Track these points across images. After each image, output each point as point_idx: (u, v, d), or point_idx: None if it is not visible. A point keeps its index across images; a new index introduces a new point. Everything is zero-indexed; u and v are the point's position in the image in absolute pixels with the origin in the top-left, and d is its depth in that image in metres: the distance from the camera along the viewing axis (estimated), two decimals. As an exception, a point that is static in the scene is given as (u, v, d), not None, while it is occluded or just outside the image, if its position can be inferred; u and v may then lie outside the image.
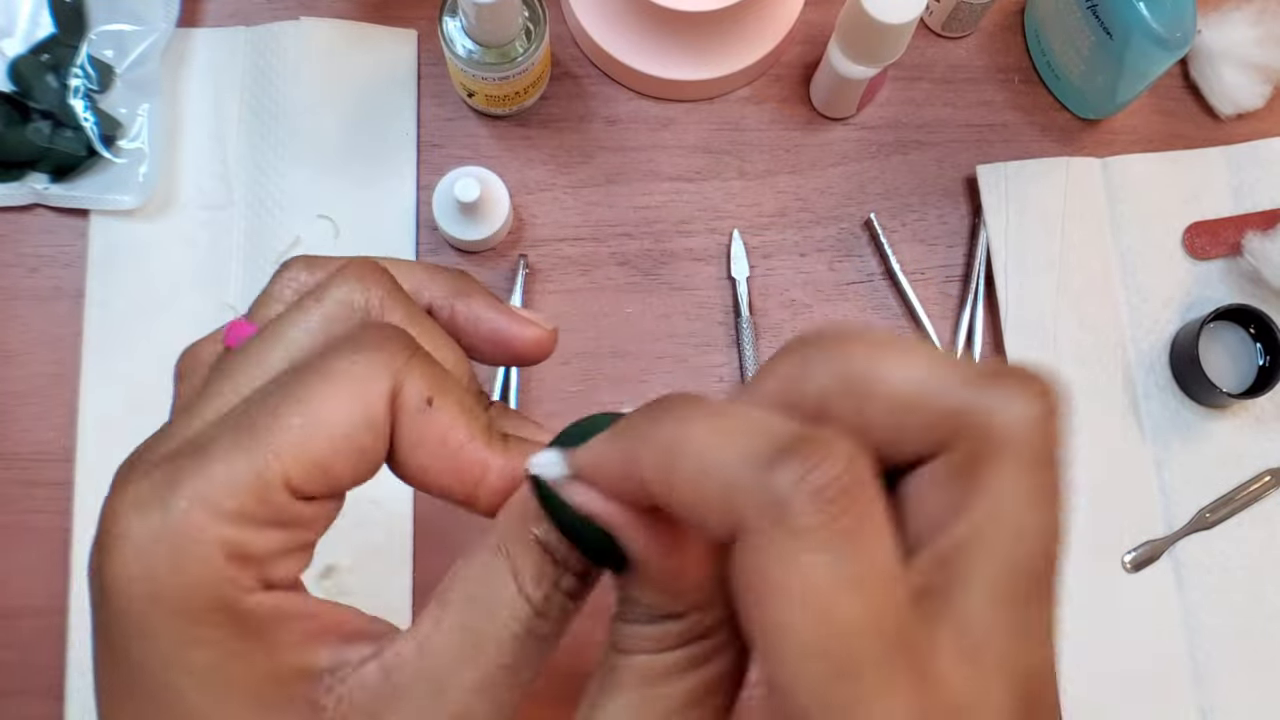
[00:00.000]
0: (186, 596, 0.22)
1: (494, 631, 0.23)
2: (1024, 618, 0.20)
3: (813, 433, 0.19)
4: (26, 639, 0.57)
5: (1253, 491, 0.61)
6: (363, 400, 0.24)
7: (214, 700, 0.22)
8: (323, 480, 0.23)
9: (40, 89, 0.61)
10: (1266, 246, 0.62)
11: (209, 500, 0.22)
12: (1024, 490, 0.20)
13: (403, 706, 0.23)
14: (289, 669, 0.23)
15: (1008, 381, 0.20)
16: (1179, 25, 0.57)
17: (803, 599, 0.18)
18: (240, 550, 0.23)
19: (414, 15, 0.65)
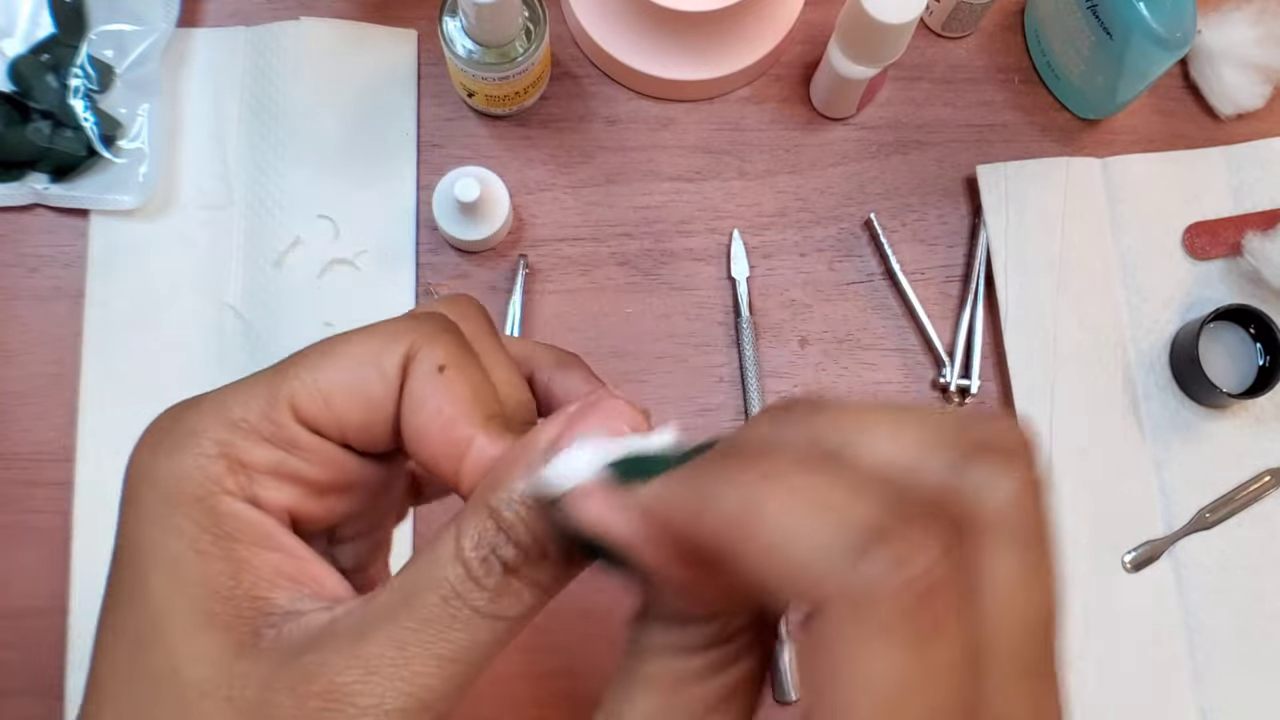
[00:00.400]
0: (175, 482, 0.24)
1: (422, 590, 0.23)
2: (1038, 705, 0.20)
3: (909, 517, 0.19)
4: (26, 639, 0.57)
5: (1253, 491, 0.61)
6: (378, 348, 0.25)
7: (170, 594, 0.23)
8: (325, 411, 0.25)
9: (40, 89, 0.61)
10: (1266, 246, 0.62)
11: (220, 406, 0.24)
12: (1022, 572, 0.20)
13: (322, 648, 0.23)
14: (245, 594, 0.23)
15: (989, 457, 0.20)
16: (1179, 25, 0.57)
17: (873, 690, 0.18)
18: (233, 452, 0.24)
19: (414, 15, 0.65)
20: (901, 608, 0.18)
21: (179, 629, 0.23)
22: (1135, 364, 0.63)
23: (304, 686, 0.22)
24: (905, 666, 0.18)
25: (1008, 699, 0.20)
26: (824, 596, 0.18)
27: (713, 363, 0.62)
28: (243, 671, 0.23)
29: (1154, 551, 0.60)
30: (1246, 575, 0.61)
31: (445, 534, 0.24)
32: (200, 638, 0.23)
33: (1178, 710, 0.59)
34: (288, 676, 0.22)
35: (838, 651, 0.18)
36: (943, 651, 0.18)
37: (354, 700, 0.22)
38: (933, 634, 0.18)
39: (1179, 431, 0.62)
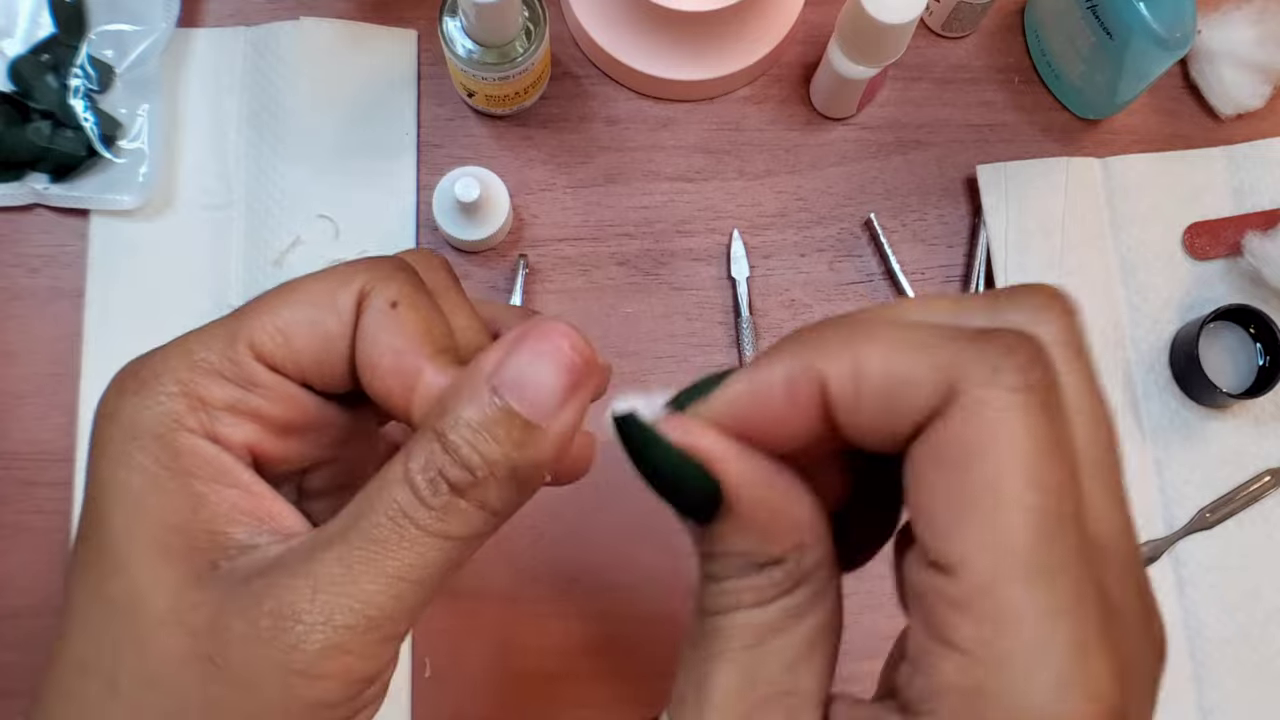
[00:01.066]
0: (135, 416, 0.25)
1: (371, 511, 0.24)
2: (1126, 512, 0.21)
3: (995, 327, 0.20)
4: (26, 639, 0.57)
5: (1253, 491, 0.61)
6: (333, 288, 0.26)
7: (128, 526, 0.24)
8: (283, 348, 0.25)
9: (40, 89, 0.61)
10: (1266, 246, 0.62)
11: (183, 349, 0.26)
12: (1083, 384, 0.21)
13: (273, 571, 0.23)
14: (203, 527, 0.24)
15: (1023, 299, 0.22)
16: (1179, 25, 0.57)
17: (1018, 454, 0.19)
18: (193, 390, 0.25)
19: (414, 15, 0.65)
20: (1034, 377, 0.19)
21: (138, 560, 0.24)
22: (1135, 364, 0.63)
23: (254, 609, 0.23)
24: (1043, 435, 0.19)
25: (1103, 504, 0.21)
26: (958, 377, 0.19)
27: (713, 363, 0.62)
28: (197, 600, 0.23)
29: (1154, 551, 0.60)
30: (1246, 575, 0.61)
31: (394, 461, 0.24)
32: (158, 568, 0.24)
33: (1178, 710, 0.59)
34: (239, 600, 0.23)
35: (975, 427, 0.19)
36: (1067, 431, 0.20)
37: (301, 618, 0.23)
38: (1061, 408, 0.20)
39: (1179, 431, 0.62)
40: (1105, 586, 0.19)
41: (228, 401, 0.25)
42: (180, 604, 0.23)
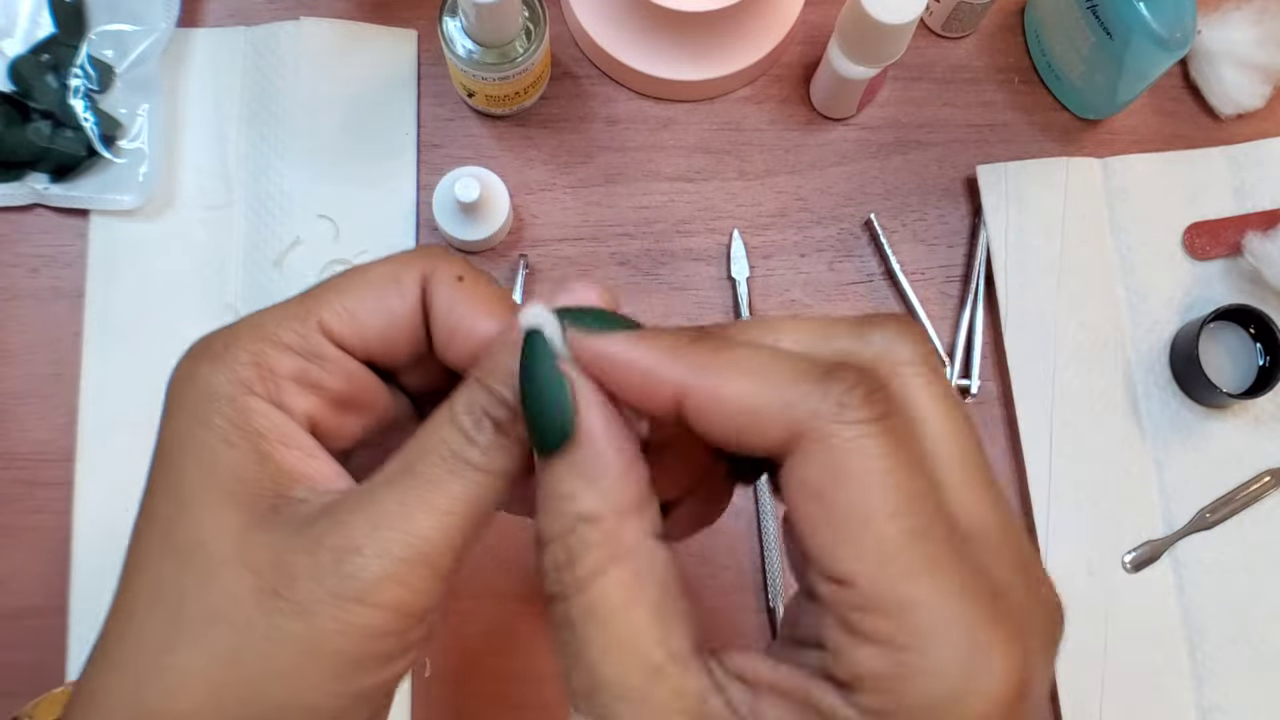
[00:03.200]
0: (209, 379, 0.26)
1: (421, 451, 0.26)
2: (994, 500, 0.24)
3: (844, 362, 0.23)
4: (27, 639, 0.57)
5: (1253, 491, 0.61)
6: (396, 269, 0.29)
7: (198, 478, 0.26)
8: (351, 325, 0.28)
9: (40, 89, 0.61)
10: (1266, 246, 0.62)
11: (256, 324, 0.27)
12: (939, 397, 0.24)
13: (334, 512, 0.25)
14: (268, 479, 0.26)
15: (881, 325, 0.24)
16: (1179, 25, 0.57)
17: (873, 475, 0.21)
18: (263, 360, 0.27)
19: (414, 15, 0.65)
20: (875, 409, 0.22)
21: (205, 507, 0.25)
22: (1135, 364, 0.63)
23: (316, 545, 0.24)
24: (893, 456, 0.22)
25: (968, 498, 0.23)
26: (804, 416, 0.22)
27: (713, 363, 0.62)
28: (259, 540, 0.25)
29: (1154, 551, 0.60)
30: (1246, 575, 0.61)
31: (441, 407, 0.26)
32: (222, 513, 0.25)
33: (1178, 710, 0.59)
34: (302, 539, 0.25)
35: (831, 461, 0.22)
36: (915, 448, 0.22)
37: (361, 550, 0.24)
38: (904, 430, 0.22)
39: (1179, 431, 0.62)
40: (985, 568, 0.22)
41: (293, 372, 0.27)
42: (244, 545, 0.25)
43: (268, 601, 0.24)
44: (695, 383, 0.23)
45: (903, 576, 0.21)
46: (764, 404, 0.22)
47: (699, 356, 0.23)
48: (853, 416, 0.22)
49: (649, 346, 0.24)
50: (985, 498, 0.23)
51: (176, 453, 0.26)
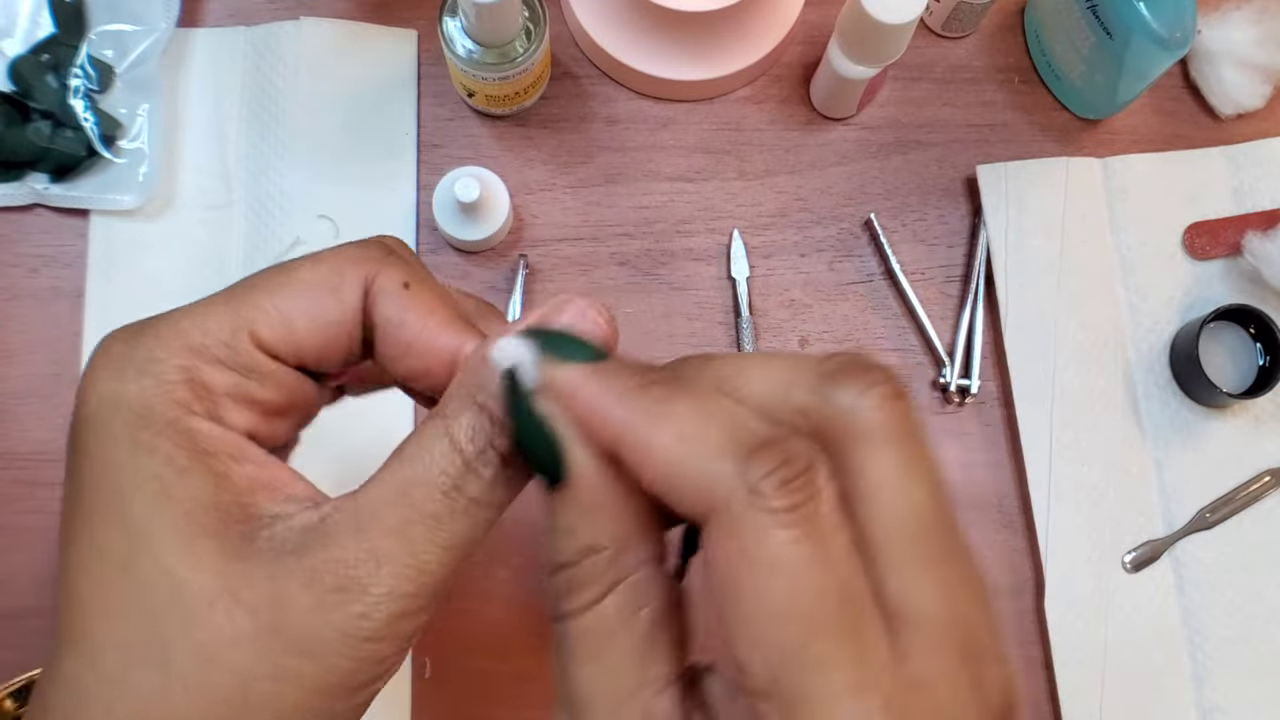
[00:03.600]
0: (143, 403, 0.24)
1: (422, 479, 0.25)
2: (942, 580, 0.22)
3: (784, 435, 0.22)
4: (27, 639, 0.56)
5: (1253, 491, 0.61)
6: (335, 273, 0.26)
7: (154, 510, 0.24)
8: (286, 337, 0.26)
9: (40, 89, 0.61)
10: (1266, 246, 0.62)
11: (180, 332, 0.25)
12: (897, 467, 0.22)
13: (325, 543, 0.24)
14: (230, 502, 0.25)
15: (847, 379, 0.23)
16: (1179, 25, 0.57)
17: (773, 569, 0.20)
18: (198, 379, 0.25)
19: (414, 15, 0.65)
20: (786, 497, 0.21)
21: (171, 541, 0.24)
22: (1135, 364, 0.63)
23: (317, 583, 0.24)
24: (798, 548, 0.20)
25: (910, 586, 0.22)
26: (718, 499, 0.21)
27: (713, 363, 0.62)
28: (243, 572, 0.24)
29: (1154, 551, 0.60)
30: (1246, 575, 0.61)
31: (430, 430, 0.25)
32: (195, 547, 0.24)
33: (1178, 710, 0.59)
34: (297, 573, 0.24)
35: (738, 545, 0.21)
36: (835, 538, 0.21)
37: (368, 589, 0.24)
38: (822, 520, 0.21)
39: (1179, 431, 0.62)
40: (907, 662, 0.21)
41: (228, 388, 0.26)
42: (229, 581, 0.24)
43: (269, 641, 0.24)
44: (628, 433, 0.22)
45: (793, 672, 0.20)
46: (685, 471, 0.21)
47: (641, 404, 0.22)
48: (765, 505, 0.21)
49: (598, 385, 0.23)
50: (928, 581, 0.22)
51: (116, 482, 0.24)
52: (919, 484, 0.22)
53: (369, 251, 0.27)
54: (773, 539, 0.20)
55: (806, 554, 0.20)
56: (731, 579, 0.21)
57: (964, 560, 0.23)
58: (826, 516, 0.21)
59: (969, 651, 0.22)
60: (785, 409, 0.23)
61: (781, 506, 0.21)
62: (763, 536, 0.20)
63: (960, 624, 0.22)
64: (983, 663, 0.22)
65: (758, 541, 0.20)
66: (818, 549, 0.21)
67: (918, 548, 0.22)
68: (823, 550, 0.21)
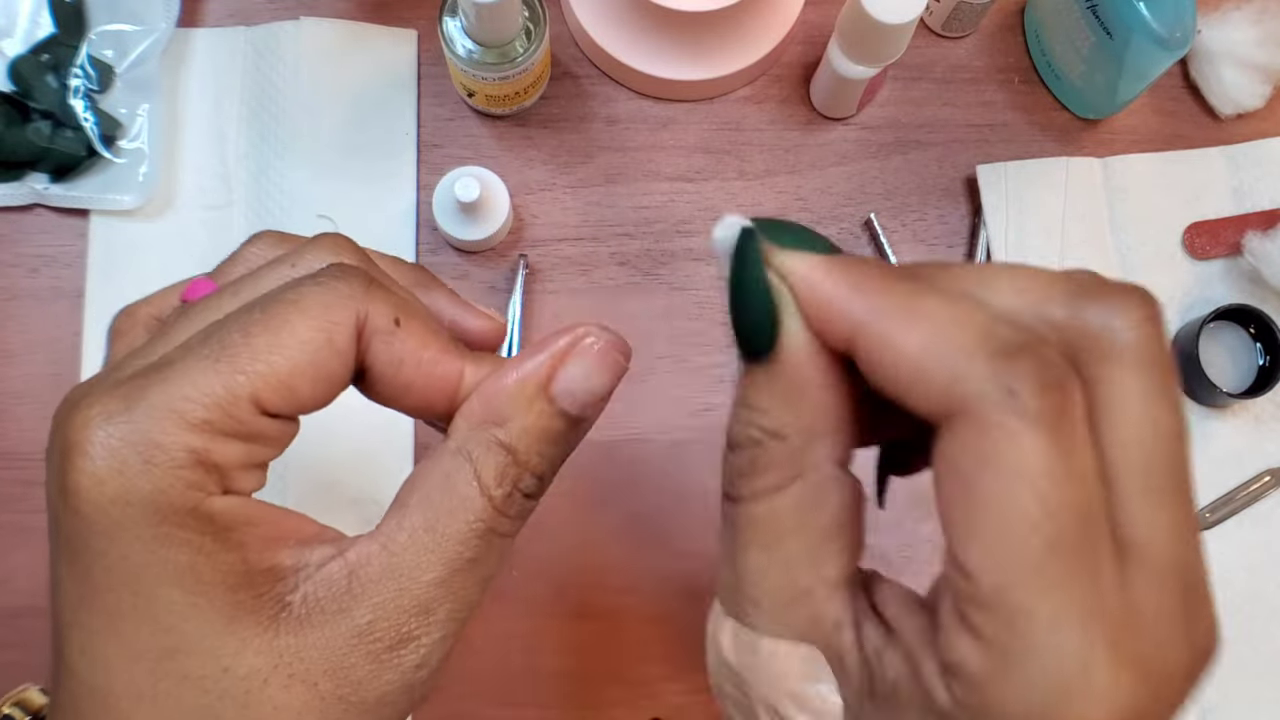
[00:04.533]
0: (157, 497, 0.23)
1: (456, 529, 0.25)
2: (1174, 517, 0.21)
3: (1040, 340, 0.21)
4: (28, 639, 0.56)
5: (1253, 491, 0.61)
6: (327, 324, 0.25)
7: (189, 597, 0.23)
8: (289, 399, 0.25)
9: (40, 89, 0.61)
10: (1266, 246, 0.62)
11: (176, 410, 0.23)
12: (1147, 393, 0.21)
13: (368, 600, 0.24)
14: (257, 568, 0.24)
15: (1106, 297, 0.22)
16: (1179, 25, 0.57)
17: (1025, 475, 0.20)
18: (206, 458, 0.24)
19: (414, 15, 0.65)
20: (1044, 399, 0.20)
21: (211, 631, 0.23)
22: (1135, 364, 0.63)
23: (372, 641, 0.24)
24: (1052, 456, 0.20)
25: (1143, 511, 0.21)
26: (968, 400, 0.20)
27: (713, 363, 0.62)
28: (290, 645, 0.24)
29: (1154, 551, 0.60)
30: (1246, 575, 0.61)
31: (456, 474, 0.25)
32: (237, 631, 0.23)
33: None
34: (348, 636, 0.24)
35: (986, 449, 0.20)
36: (1081, 453, 0.20)
37: (421, 640, 0.24)
38: (1073, 433, 0.20)
39: (1179, 431, 0.62)
40: (1129, 592, 0.20)
41: (238, 459, 0.25)
42: (275, 656, 0.24)
43: (334, 709, 0.24)
44: (869, 326, 0.21)
45: (1025, 586, 0.20)
46: (932, 369, 0.21)
47: (883, 300, 0.22)
48: (1018, 407, 0.20)
49: (837, 277, 0.22)
50: (1163, 515, 0.21)
51: (141, 579, 0.23)
52: (1165, 413, 0.22)
53: (352, 287, 0.25)
54: (1025, 443, 0.20)
55: (1058, 464, 0.20)
56: (975, 481, 0.20)
57: (1191, 500, 0.22)
58: (1079, 429, 0.20)
59: (1184, 596, 0.21)
60: (1034, 320, 0.22)
61: (1035, 411, 0.20)
62: (1015, 440, 0.20)
63: (1183, 563, 0.21)
64: (1197, 605, 0.21)
65: (1009, 445, 0.20)
66: (1069, 461, 0.20)
67: (1155, 478, 0.21)
68: (1073, 464, 0.20)
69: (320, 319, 0.25)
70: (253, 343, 0.24)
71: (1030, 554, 0.20)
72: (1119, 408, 0.21)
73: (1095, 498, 0.20)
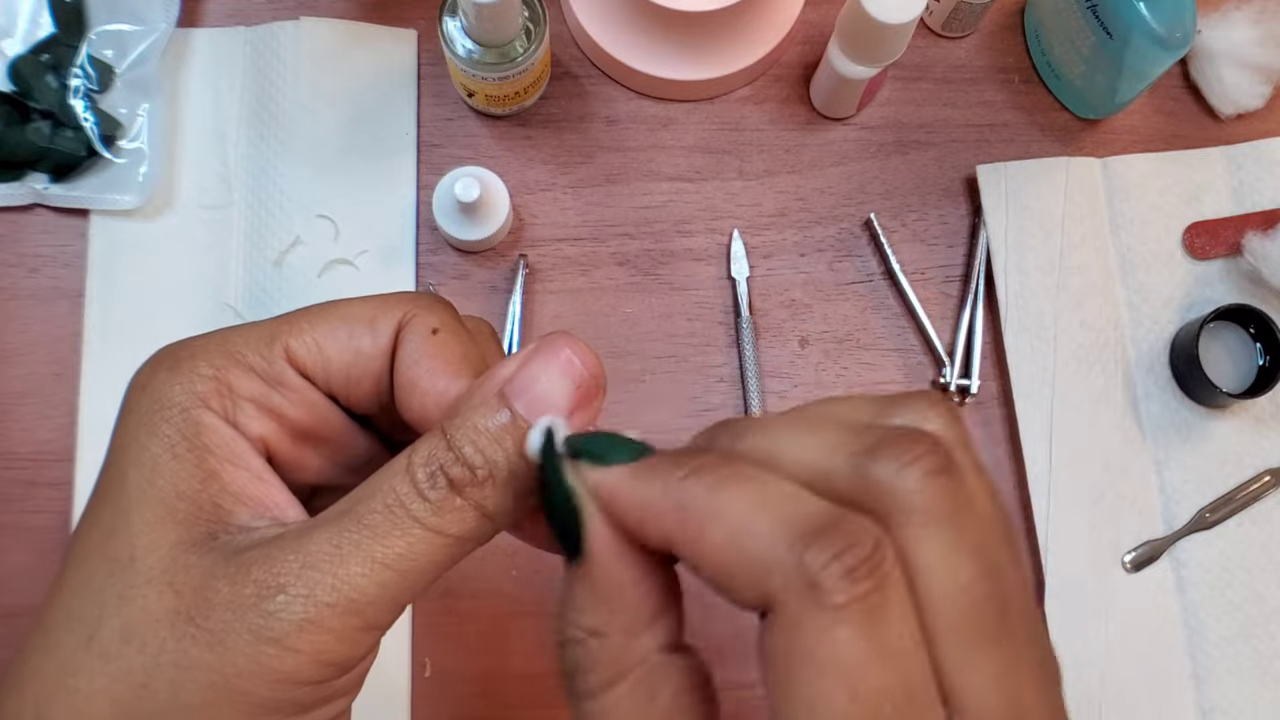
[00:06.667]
0: (164, 390, 0.26)
1: (368, 496, 0.25)
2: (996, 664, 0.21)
3: (843, 514, 0.20)
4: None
5: (1253, 491, 0.61)
6: (374, 309, 0.27)
7: (140, 488, 0.25)
8: (316, 357, 0.27)
9: (40, 89, 0.61)
10: (1266, 246, 0.62)
11: (223, 339, 0.27)
12: (944, 549, 0.21)
13: (268, 549, 0.24)
14: (209, 500, 0.25)
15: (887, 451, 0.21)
16: (1179, 25, 0.57)
17: (836, 670, 0.19)
18: (224, 376, 0.26)
19: (414, 15, 0.65)
20: (848, 589, 0.19)
21: (142, 520, 0.25)
22: (1135, 364, 0.63)
23: (241, 575, 0.24)
24: (863, 645, 0.19)
25: (964, 671, 0.20)
26: (775, 592, 0.20)
27: (713, 363, 0.62)
28: (189, 562, 0.24)
29: (1154, 551, 0.60)
30: (1246, 575, 0.61)
31: (398, 457, 0.25)
32: (159, 529, 0.24)
33: (1178, 710, 0.59)
34: (229, 567, 0.24)
35: (795, 643, 0.19)
36: (895, 629, 0.20)
37: (285, 589, 0.23)
38: (884, 611, 0.20)
39: (1179, 431, 0.62)
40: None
41: (253, 394, 0.26)
42: (171, 565, 0.24)
43: (182, 626, 0.23)
44: (679, 531, 0.21)
45: None
46: (737, 566, 0.20)
47: (687, 496, 0.21)
48: (823, 600, 0.19)
49: (643, 483, 0.22)
50: (985, 666, 0.21)
51: (123, 459, 0.25)
52: (967, 564, 0.21)
53: (418, 297, 0.28)
54: (834, 636, 0.19)
55: (869, 652, 0.19)
56: (789, 678, 0.20)
57: (1023, 642, 0.21)
58: (893, 603, 0.20)
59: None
60: (826, 482, 0.22)
61: (843, 601, 0.19)
62: (822, 634, 0.19)
63: (1014, 708, 0.21)
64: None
65: (818, 639, 0.19)
66: (882, 644, 0.19)
67: (968, 631, 0.21)
68: (887, 646, 0.19)
69: (370, 304, 0.28)
70: (309, 311, 0.27)
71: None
72: (924, 567, 0.21)
73: (917, 669, 0.20)
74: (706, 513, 0.21)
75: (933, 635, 0.21)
